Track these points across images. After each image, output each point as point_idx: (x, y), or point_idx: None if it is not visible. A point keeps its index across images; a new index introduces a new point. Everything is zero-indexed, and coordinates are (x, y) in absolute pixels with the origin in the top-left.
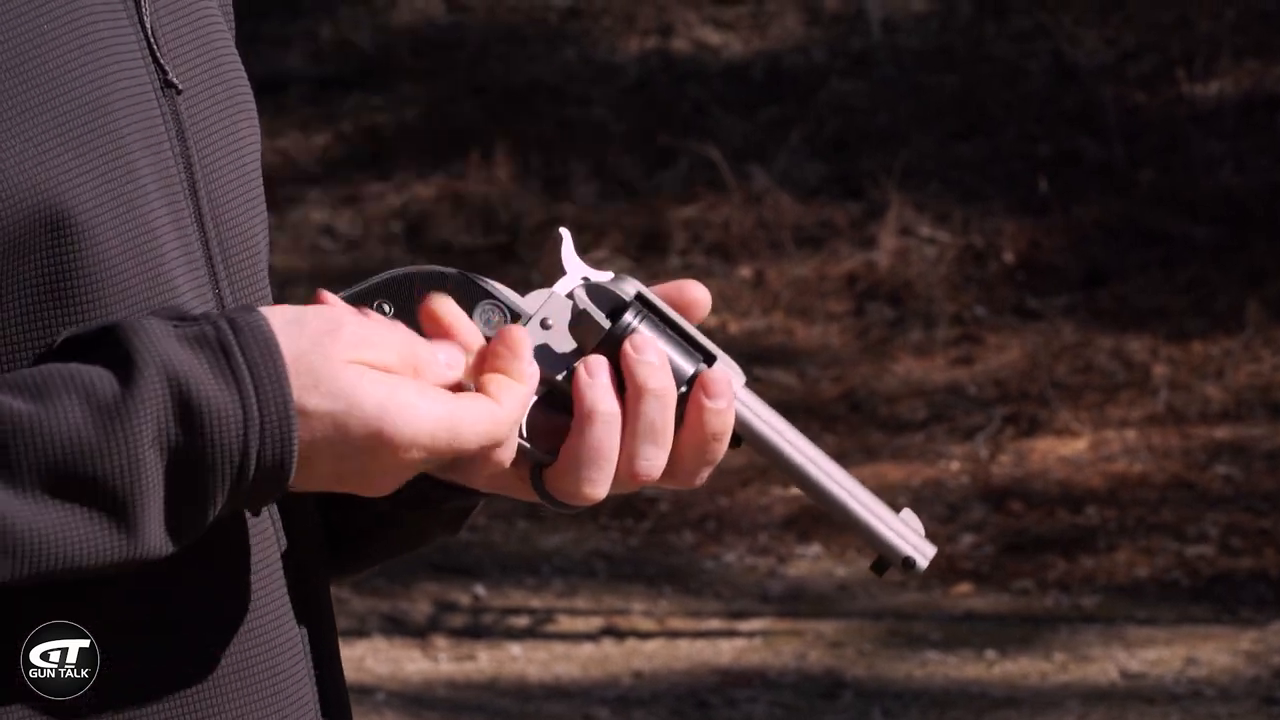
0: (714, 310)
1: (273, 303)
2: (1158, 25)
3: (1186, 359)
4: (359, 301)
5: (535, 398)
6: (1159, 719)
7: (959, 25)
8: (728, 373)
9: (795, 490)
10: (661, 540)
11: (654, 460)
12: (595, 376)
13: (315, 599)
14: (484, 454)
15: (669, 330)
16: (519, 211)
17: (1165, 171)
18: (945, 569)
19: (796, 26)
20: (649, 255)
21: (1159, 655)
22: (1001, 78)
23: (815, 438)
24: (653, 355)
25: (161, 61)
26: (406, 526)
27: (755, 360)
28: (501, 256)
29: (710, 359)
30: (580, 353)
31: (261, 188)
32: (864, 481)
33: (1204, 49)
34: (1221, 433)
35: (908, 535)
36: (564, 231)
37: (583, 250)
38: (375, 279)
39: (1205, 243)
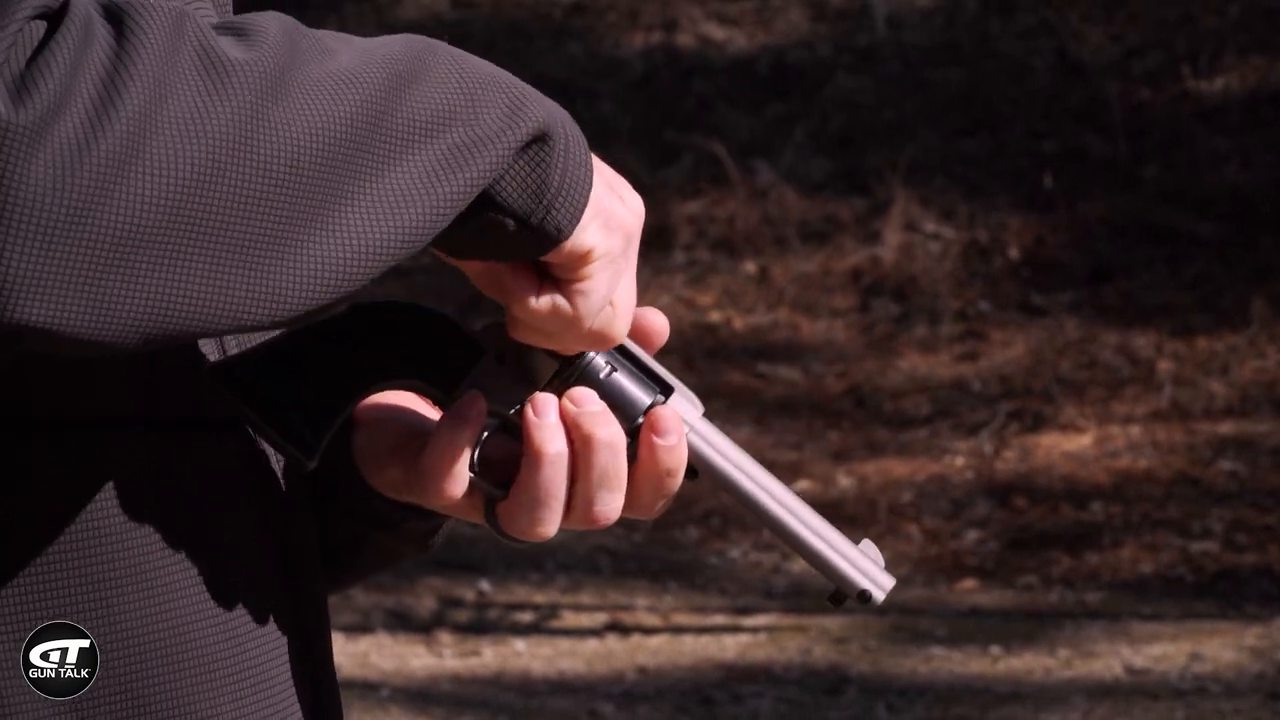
0: (719, 305)
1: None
2: (1162, 22)
3: (1191, 355)
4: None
5: (487, 432)
6: (1164, 715)
7: (964, 21)
8: (676, 411)
9: (800, 486)
10: (666, 536)
11: (611, 504)
12: (543, 416)
13: (309, 603)
14: (436, 487)
15: (625, 361)
16: None
17: (1170, 168)
18: (950, 565)
19: (801, 22)
20: (653, 251)
21: (1163, 651)
22: (1007, 74)
23: (820, 433)
24: (595, 404)
25: None
26: (374, 547)
27: (760, 356)
28: None
29: (667, 390)
30: (534, 387)
31: None
32: (869, 478)
33: (1208, 45)
34: (1226, 429)
35: (865, 567)
36: None
37: None
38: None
39: (1210, 239)
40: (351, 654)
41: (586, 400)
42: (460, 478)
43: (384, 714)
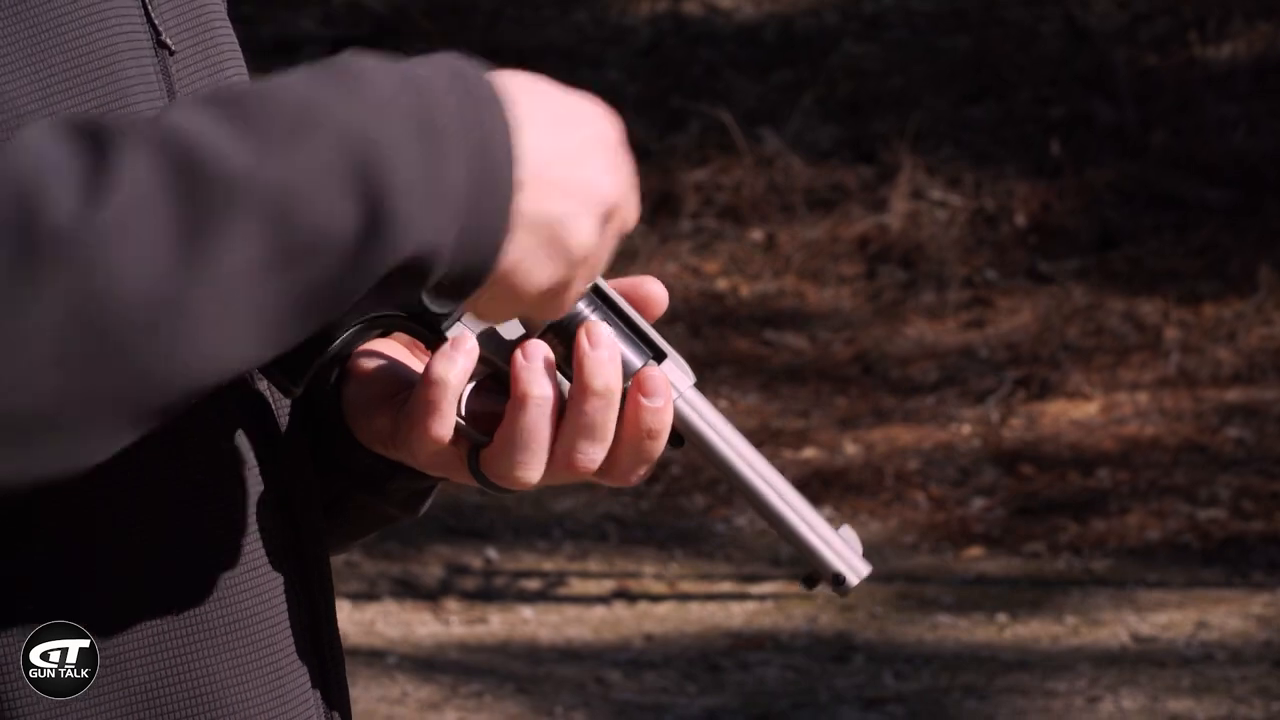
0: (725, 273)
1: None
2: None
3: (1198, 322)
4: None
5: (475, 381)
6: (1170, 682)
7: None
8: (665, 373)
9: (807, 453)
10: (673, 503)
11: (592, 454)
12: (531, 360)
13: (315, 566)
14: (422, 427)
15: (621, 324)
16: None
17: (1178, 134)
18: (956, 532)
19: None
20: (661, 218)
21: (1170, 619)
22: (1014, 40)
23: (827, 400)
24: (605, 351)
25: (155, 21)
26: (359, 508)
27: (766, 323)
28: None
29: (660, 356)
30: (526, 337)
31: None
32: (875, 445)
33: (1216, 11)
34: (1233, 395)
35: (843, 552)
36: None
37: None
38: None
39: (1218, 205)
40: (358, 622)
41: (602, 342)
42: (447, 418)
43: (391, 681)
